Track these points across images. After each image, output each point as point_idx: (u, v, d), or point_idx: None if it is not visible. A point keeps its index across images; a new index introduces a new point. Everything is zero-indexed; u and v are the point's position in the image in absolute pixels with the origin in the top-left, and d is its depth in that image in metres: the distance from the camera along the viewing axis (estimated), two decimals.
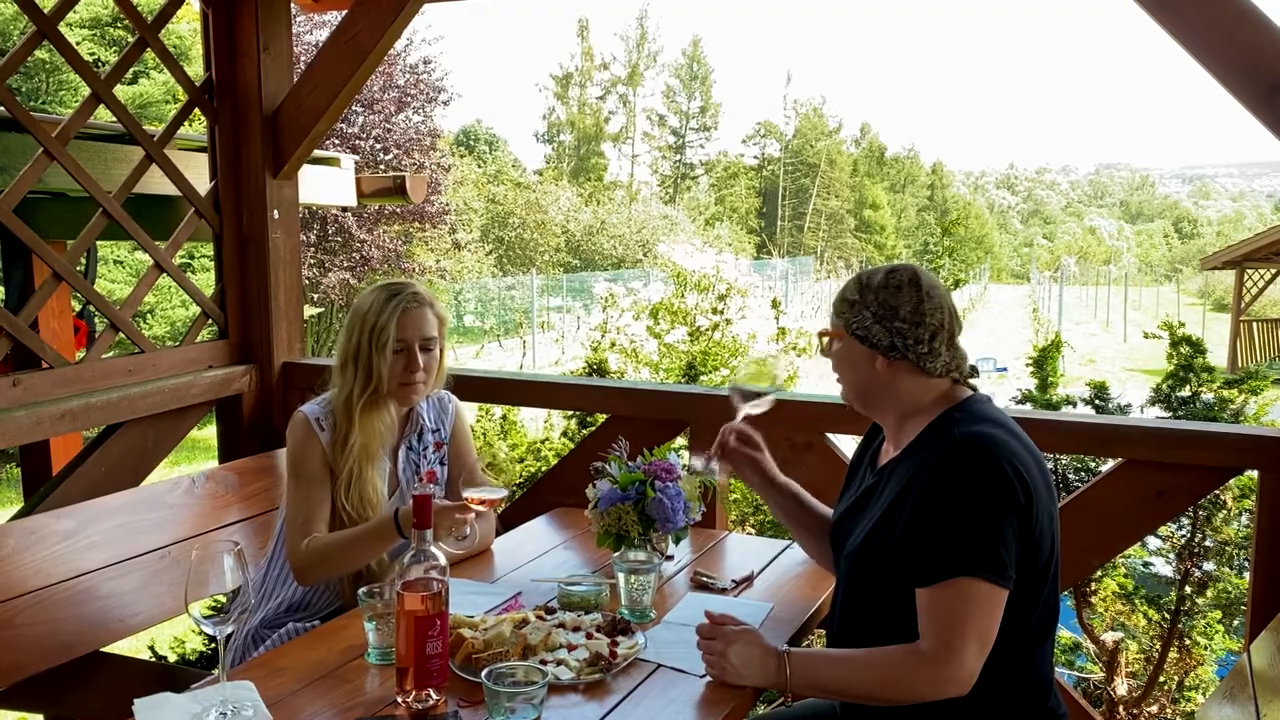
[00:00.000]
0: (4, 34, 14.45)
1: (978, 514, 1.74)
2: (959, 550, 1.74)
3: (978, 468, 1.76)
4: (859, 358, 1.96)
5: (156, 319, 14.72)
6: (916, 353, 1.90)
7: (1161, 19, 2.45)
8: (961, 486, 1.76)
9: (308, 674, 1.92)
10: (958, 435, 1.82)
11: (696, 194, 55.31)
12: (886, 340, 1.90)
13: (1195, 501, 3.04)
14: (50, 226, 4.01)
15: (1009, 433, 1.85)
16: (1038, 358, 3.83)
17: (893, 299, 1.91)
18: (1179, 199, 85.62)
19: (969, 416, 1.88)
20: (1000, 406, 2.01)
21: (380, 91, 17.44)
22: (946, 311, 1.93)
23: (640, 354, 7.75)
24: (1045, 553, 1.82)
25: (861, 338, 1.93)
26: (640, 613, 2.17)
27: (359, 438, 2.46)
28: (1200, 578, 3.43)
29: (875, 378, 1.95)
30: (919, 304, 1.90)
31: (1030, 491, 1.77)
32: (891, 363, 1.92)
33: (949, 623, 1.73)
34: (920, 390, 1.93)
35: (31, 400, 2.84)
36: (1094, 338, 26.89)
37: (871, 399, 1.99)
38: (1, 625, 2.43)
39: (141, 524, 2.86)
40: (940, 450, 1.81)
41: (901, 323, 1.90)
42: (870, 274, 1.97)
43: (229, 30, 3.40)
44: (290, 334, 3.61)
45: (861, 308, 1.93)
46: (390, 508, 2.46)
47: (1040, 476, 1.83)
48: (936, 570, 1.75)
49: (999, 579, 1.73)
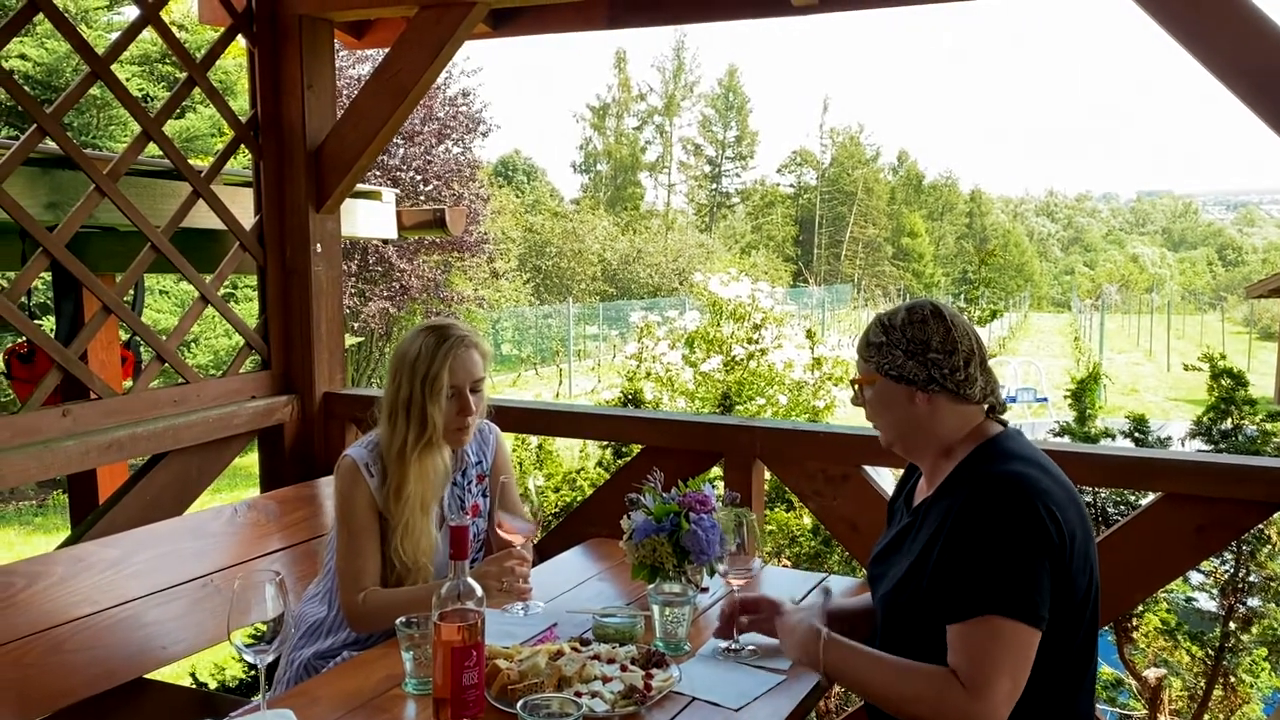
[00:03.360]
0: (56, 70, 14.86)
1: (1009, 553, 1.74)
2: (990, 588, 1.74)
3: (1009, 507, 1.76)
4: (896, 398, 1.95)
5: (200, 348, 14.95)
6: (955, 381, 1.90)
7: (1186, 41, 2.49)
8: (993, 525, 1.76)
9: (345, 703, 1.94)
10: (988, 474, 1.82)
11: (732, 222, 55.40)
12: (923, 374, 1.91)
13: (1238, 536, 2.99)
14: (100, 260, 4.10)
15: (1041, 469, 1.84)
16: (1076, 390, 3.80)
17: (920, 333, 1.91)
18: (1223, 225, 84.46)
19: (1000, 454, 1.88)
20: (1033, 440, 2.01)
21: (421, 124, 17.69)
22: (973, 337, 1.94)
23: (676, 383, 7.77)
24: (1082, 590, 1.81)
25: (896, 376, 1.93)
26: (675, 645, 2.18)
27: (415, 488, 2.45)
28: (1245, 614, 3.38)
29: (915, 414, 1.94)
30: (947, 333, 1.91)
31: (1062, 529, 1.76)
32: (931, 396, 1.92)
33: (980, 659, 1.72)
34: (958, 422, 1.93)
35: (81, 430, 2.91)
36: (1137, 367, 26.53)
37: (912, 438, 1.99)
38: (50, 651, 2.48)
39: (184, 552, 2.91)
40: (971, 489, 1.81)
41: (935, 354, 1.90)
42: (890, 315, 1.97)
43: (274, 68, 3.48)
44: (331, 365, 3.66)
45: (890, 348, 1.94)
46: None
47: (1075, 512, 1.82)
48: (967, 607, 1.75)
49: (1030, 619, 1.72)
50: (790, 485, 3.14)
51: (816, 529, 4.16)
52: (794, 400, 7.33)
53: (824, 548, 4.11)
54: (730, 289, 8.22)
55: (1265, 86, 2.42)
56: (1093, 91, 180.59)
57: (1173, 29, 2.50)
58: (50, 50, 14.80)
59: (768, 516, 4.19)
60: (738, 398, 6.03)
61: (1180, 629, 3.55)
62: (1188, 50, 2.49)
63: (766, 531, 4.10)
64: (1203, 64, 2.47)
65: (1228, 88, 2.46)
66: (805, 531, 4.20)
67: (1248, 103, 2.45)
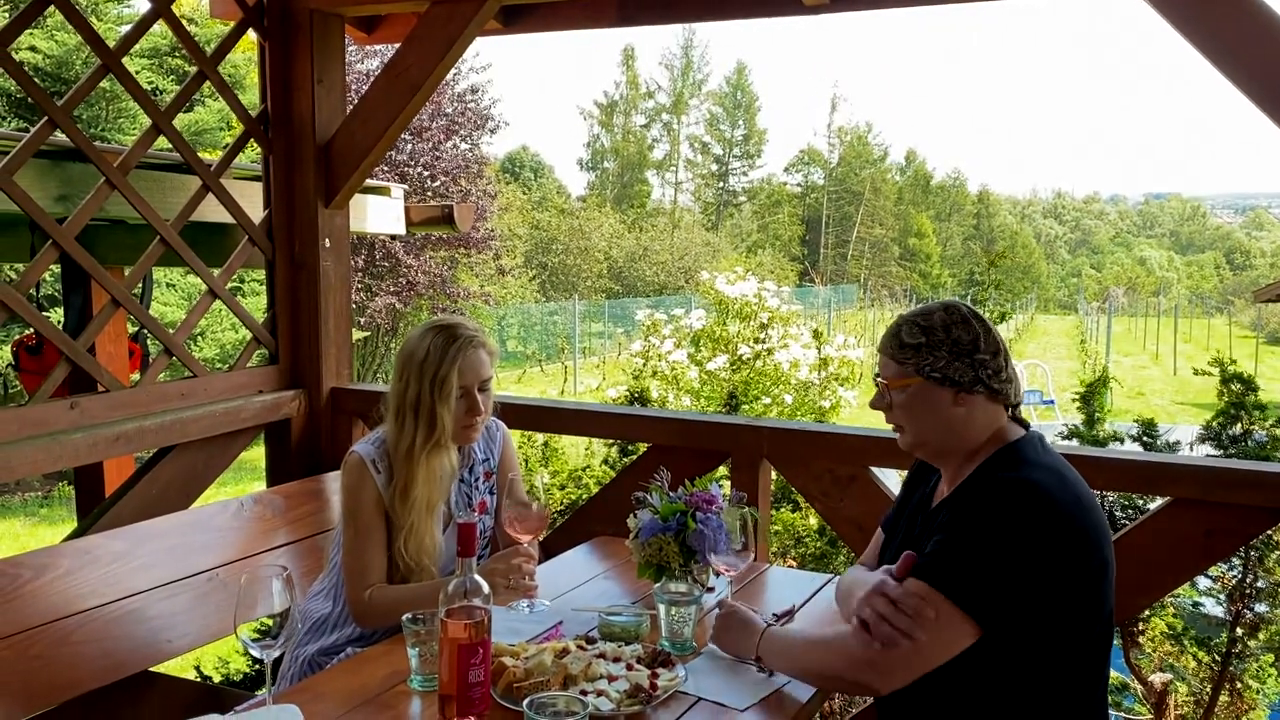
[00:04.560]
0: (66, 63, 14.88)
1: (990, 548, 1.74)
2: (952, 567, 1.75)
3: (1011, 508, 1.76)
4: (937, 400, 1.92)
5: (207, 341, 14.96)
6: (999, 380, 1.90)
7: (1198, 41, 2.50)
8: (987, 520, 1.76)
9: (351, 699, 1.94)
10: (1004, 478, 1.81)
11: (739, 221, 55.37)
12: (970, 374, 1.89)
13: (1246, 542, 2.98)
14: (109, 253, 4.11)
15: (1057, 476, 1.83)
16: (1085, 393, 3.79)
17: (966, 333, 1.90)
18: (1232, 228, 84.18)
19: (1018, 460, 1.87)
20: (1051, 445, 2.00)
21: (429, 120, 17.68)
22: (1000, 336, 1.95)
23: (681, 381, 7.76)
24: (1092, 601, 1.80)
25: (939, 379, 1.90)
26: (681, 645, 2.17)
27: (423, 490, 2.45)
28: (1253, 620, 3.36)
29: (953, 416, 1.91)
30: (988, 333, 1.92)
31: (1063, 539, 1.76)
32: (970, 396, 1.90)
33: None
34: (987, 421, 1.92)
35: (88, 423, 2.91)
36: (1144, 370, 26.44)
37: (945, 440, 1.95)
38: (57, 643, 2.49)
39: (191, 545, 2.92)
40: (984, 489, 1.81)
41: (983, 354, 1.89)
42: (925, 314, 1.94)
43: (284, 63, 3.48)
44: (339, 360, 3.67)
45: (931, 349, 1.90)
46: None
47: (1086, 521, 1.81)
48: (924, 569, 1.78)
49: (973, 613, 1.73)
50: (797, 485, 3.14)
51: (823, 529, 4.16)
52: (800, 400, 7.33)
53: (830, 548, 4.11)
54: (736, 288, 8.22)
55: (1277, 89, 2.41)
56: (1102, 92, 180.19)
57: (1185, 30, 2.49)
58: (60, 43, 14.82)
59: (774, 517, 4.18)
60: (743, 397, 6.02)
61: (1187, 634, 3.54)
62: (1200, 51, 2.49)
63: (773, 532, 4.10)
64: (1215, 65, 2.47)
65: (1240, 89, 2.46)
66: (811, 532, 4.20)
67: (1261, 106, 2.44)
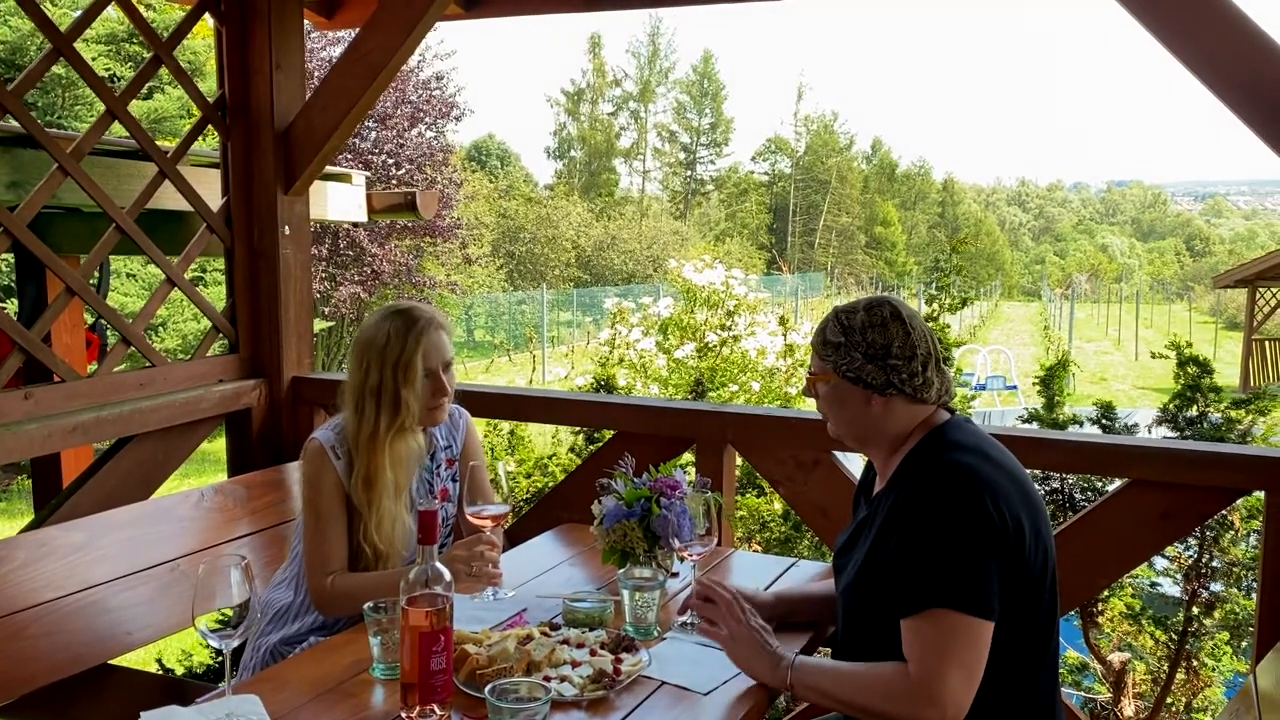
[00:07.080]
0: (20, 49, 14.62)
1: (954, 546, 1.75)
2: (935, 581, 1.75)
3: (950, 498, 1.77)
4: (850, 398, 1.95)
5: (168, 332, 14.80)
6: (913, 385, 1.90)
7: (1170, 43, 2.48)
8: (936, 518, 1.77)
9: (313, 688, 1.93)
10: (932, 464, 1.83)
11: (707, 210, 55.43)
12: (881, 379, 1.90)
13: (1202, 522, 3.03)
14: (63, 241, 4.05)
15: (985, 458, 1.85)
16: (1045, 377, 3.83)
17: (881, 337, 1.91)
18: (1192, 215, 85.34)
19: (946, 443, 1.89)
20: (1003, 426, 2.02)
21: (393, 107, 17.55)
22: (930, 338, 1.94)
23: (649, 369, 7.76)
24: (1036, 571, 1.82)
25: (853, 379, 1.92)
26: (645, 630, 2.18)
27: (389, 475, 2.44)
28: (1208, 599, 3.42)
29: (869, 415, 1.94)
30: (907, 336, 1.91)
31: (1005, 516, 1.77)
32: (888, 399, 1.92)
33: (929, 653, 1.74)
34: (909, 417, 1.94)
35: (43, 413, 2.87)
36: (1105, 355, 26.79)
37: (863, 435, 1.99)
38: (11, 637, 2.45)
39: (151, 537, 2.88)
40: (914, 480, 1.82)
41: (895, 359, 1.90)
42: (848, 313, 1.96)
43: (242, 48, 3.43)
44: (300, 349, 3.63)
45: (849, 349, 1.92)
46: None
47: (1020, 496, 1.83)
48: (916, 601, 1.76)
49: (978, 611, 1.73)
50: (761, 471, 3.15)
51: (787, 514, 4.18)
52: (766, 387, 7.34)
53: (794, 533, 4.13)
54: (704, 276, 8.21)
55: (1249, 90, 2.41)
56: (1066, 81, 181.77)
57: (1144, 19, 2.50)
58: (14, 28, 14.57)
59: (739, 502, 4.19)
60: (710, 384, 6.03)
61: (1144, 614, 3.59)
62: (1158, 39, 2.49)
63: (737, 517, 4.11)
64: (1187, 67, 2.46)
65: (1197, 77, 2.47)
66: (776, 517, 4.22)
67: (1218, 94, 2.46)
